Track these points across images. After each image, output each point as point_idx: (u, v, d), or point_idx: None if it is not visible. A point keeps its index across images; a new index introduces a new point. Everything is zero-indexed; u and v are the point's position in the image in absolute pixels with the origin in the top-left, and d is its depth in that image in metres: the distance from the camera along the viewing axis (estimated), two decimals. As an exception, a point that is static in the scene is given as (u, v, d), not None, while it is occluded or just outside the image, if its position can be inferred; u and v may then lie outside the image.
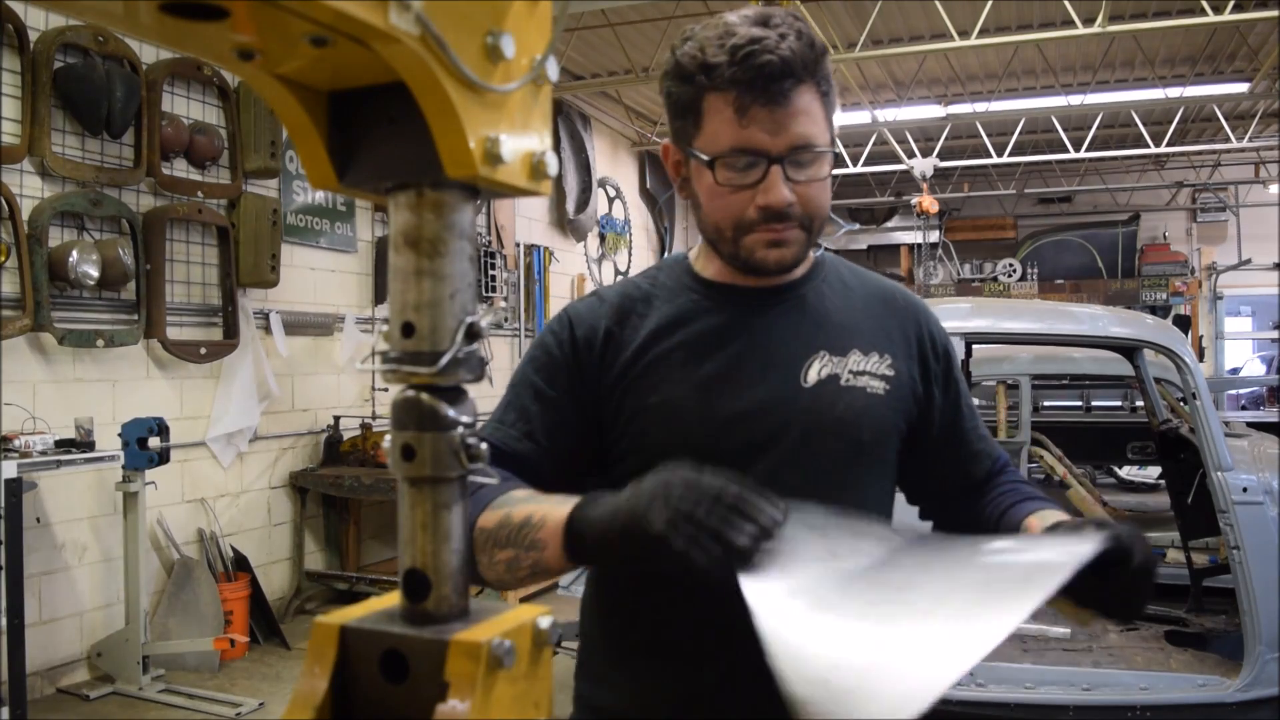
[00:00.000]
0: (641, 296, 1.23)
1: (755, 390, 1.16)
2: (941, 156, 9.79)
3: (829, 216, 1.21)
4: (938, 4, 6.58)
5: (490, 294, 7.31)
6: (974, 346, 3.59)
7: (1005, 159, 10.26)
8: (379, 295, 6.30)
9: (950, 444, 1.31)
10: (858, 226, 12.87)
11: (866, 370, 1.21)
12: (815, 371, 1.18)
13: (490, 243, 7.52)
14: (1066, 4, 6.39)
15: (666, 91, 1.14)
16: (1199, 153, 11.56)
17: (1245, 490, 3.28)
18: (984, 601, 0.78)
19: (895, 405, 1.23)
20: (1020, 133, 9.93)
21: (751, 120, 1.07)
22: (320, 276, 5.94)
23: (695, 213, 1.19)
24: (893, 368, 1.23)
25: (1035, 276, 12.40)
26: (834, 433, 1.18)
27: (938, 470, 1.33)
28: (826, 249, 1.32)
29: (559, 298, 8.48)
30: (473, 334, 0.57)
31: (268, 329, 5.44)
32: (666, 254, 10.13)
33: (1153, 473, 7.96)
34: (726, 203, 1.12)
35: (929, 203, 9.68)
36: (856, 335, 1.23)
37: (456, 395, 0.57)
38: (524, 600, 3.02)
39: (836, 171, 10.96)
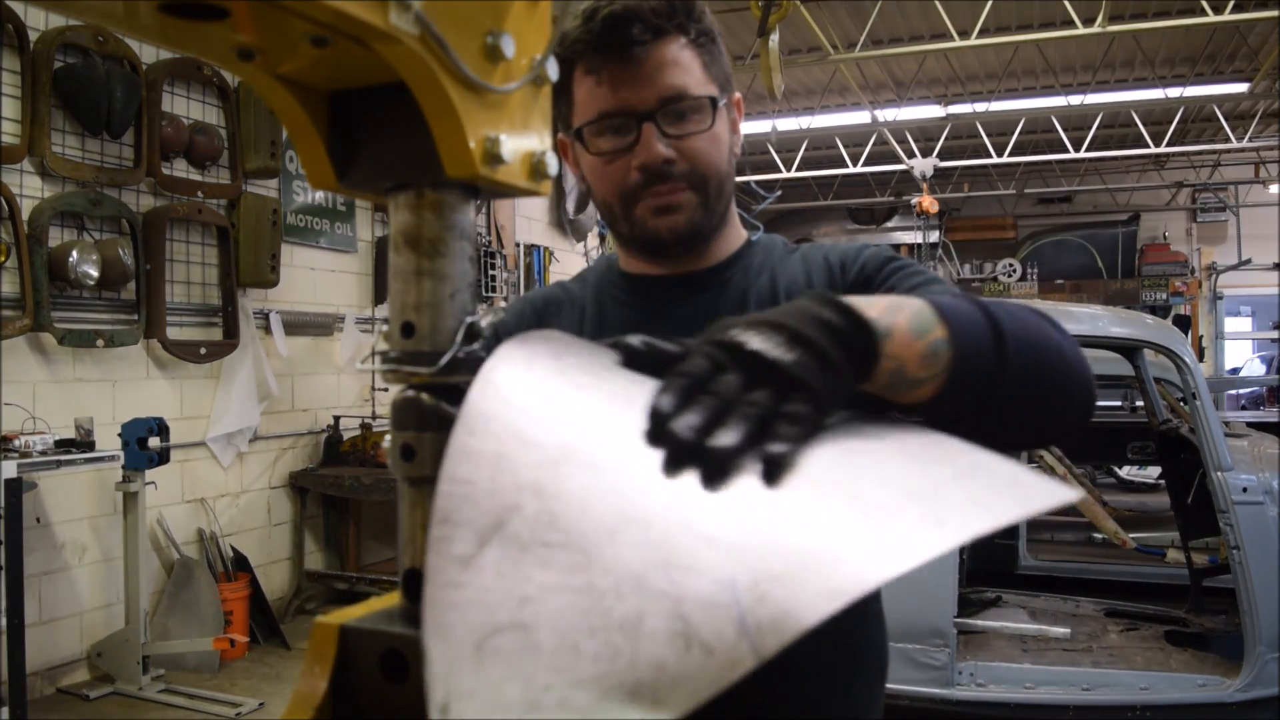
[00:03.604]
0: (567, 298, 1.18)
1: None
2: (941, 156, 9.80)
3: (729, 175, 1.10)
4: (938, 4, 6.59)
5: (490, 294, 7.31)
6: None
7: (1005, 159, 10.27)
8: (379, 295, 6.30)
9: None
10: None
11: None
12: None
13: (490, 243, 7.52)
14: (1066, 4, 6.39)
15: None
16: (1199, 153, 11.56)
17: (1245, 490, 3.29)
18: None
19: None
20: (1020, 133, 9.94)
21: (610, 80, 1.01)
22: (320, 276, 5.94)
23: (596, 206, 1.13)
24: None
25: (1035, 276, 12.41)
26: None
27: None
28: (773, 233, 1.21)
29: (559, 298, 8.47)
30: (473, 334, 0.57)
31: (268, 329, 5.44)
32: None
33: (1153, 473, 7.96)
34: (607, 173, 1.05)
35: (929, 203, 9.69)
36: None
37: (457, 395, 0.57)
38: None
39: (836, 171, 11.07)
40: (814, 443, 0.55)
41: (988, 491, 0.50)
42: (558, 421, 0.53)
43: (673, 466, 0.50)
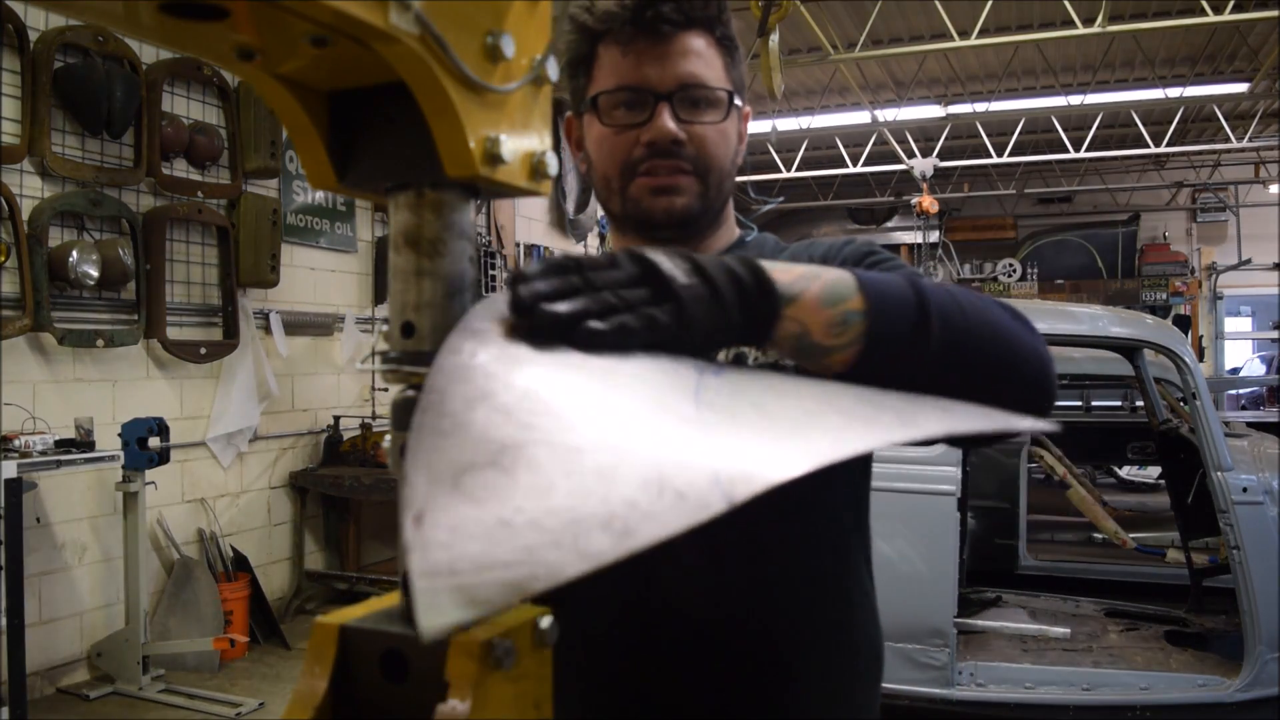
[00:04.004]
0: None
1: None
2: (941, 156, 9.80)
3: (730, 174, 1.11)
4: (938, 4, 6.59)
5: (490, 294, 7.30)
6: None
7: (1005, 159, 10.27)
8: (379, 295, 6.30)
9: None
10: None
11: None
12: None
13: (490, 243, 7.52)
14: (1066, 4, 6.40)
15: (565, 62, 1.11)
16: (1199, 153, 11.56)
17: (1245, 490, 3.29)
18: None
19: None
20: (1020, 133, 9.94)
21: (637, 55, 1.04)
22: (320, 276, 5.94)
23: (592, 182, 1.13)
24: None
25: (1035, 276, 12.41)
26: None
27: None
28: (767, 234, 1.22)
29: (559, 298, 8.48)
30: (473, 334, 0.57)
31: (268, 329, 5.44)
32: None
33: (1153, 473, 7.96)
34: (614, 144, 1.06)
35: (929, 203, 9.69)
36: None
37: (456, 395, 0.57)
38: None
39: (836, 171, 11.07)
40: (795, 379, 0.60)
41: (953, 408, 0.55)
42: (559, 350, 0.56)
43: (514, 314, 0.56)
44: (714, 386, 0.54)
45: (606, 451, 0.46)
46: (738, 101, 1.10)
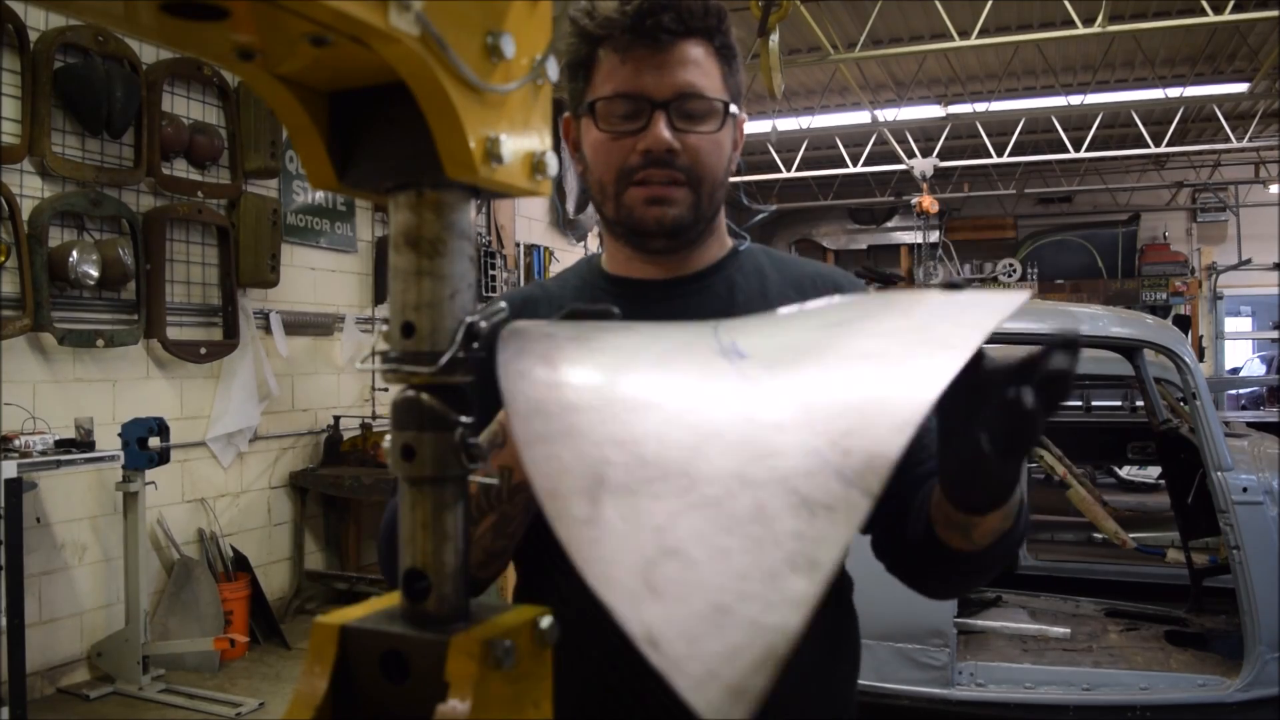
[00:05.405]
0: (545, 297, 1.19)
1: None
2: (941, 156, 9.79)
3: (723, 184, 1.12)
4: (938, 4, 6.59)
5: (490, 294, 7.31)
6: (974, 346, 3.60)
7: (1005, 159, 10.26)
8: (379, 295, 6.30)
9: None
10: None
11: None
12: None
13: (490, 243, 7.52)
14: (1066, 4, 6.40)
15: (565, 64, 1.12)
16: (1199, 153, 11.56)
17: (1245, 490, 3.29)
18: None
19: None
20: (1020, 133, 9.93)
21: (635, 63, 1.05)
22: (320, 276, 5.94)
23: (588, 185, 1.14)
24: None
25: (1035, 276, 12.40)
26: None
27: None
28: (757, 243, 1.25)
29: (559, 298, 8.47)
30: (472, 334, 0.57)
31: (268, 329, 5.44)
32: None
33: (1153, 473, 7.95)
34: (608, 152, 1.07)
35: (929, 203, 9.68)
36: None
37: (457, 395, 0.57)
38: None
39: (836, 171, 11.06)
40: (810, 328, 0.64)
41: (963, 314, 0.61)
42: (594, 382, 0.58)
43: None
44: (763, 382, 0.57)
45: (739, 489, 0.48)
46: (734, 110, 1.10)
